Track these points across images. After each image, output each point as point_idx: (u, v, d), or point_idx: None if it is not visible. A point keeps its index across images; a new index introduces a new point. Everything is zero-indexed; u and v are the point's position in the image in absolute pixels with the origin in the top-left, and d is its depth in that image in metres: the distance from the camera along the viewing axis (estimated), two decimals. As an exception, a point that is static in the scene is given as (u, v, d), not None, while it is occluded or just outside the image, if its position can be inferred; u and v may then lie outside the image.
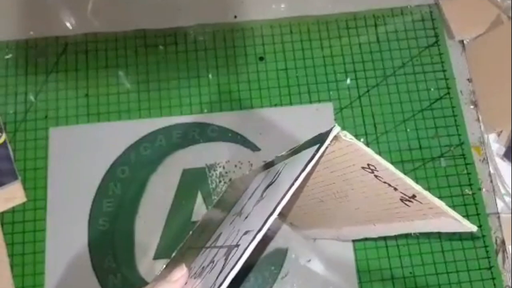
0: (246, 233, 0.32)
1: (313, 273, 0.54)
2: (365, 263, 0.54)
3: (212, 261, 0.34)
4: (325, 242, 0.54)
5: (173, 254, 0.52)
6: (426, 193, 0.32)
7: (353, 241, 0.55)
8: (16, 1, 0.63)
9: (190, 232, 0.53)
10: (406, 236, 0.55)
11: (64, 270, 0.53)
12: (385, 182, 0.33)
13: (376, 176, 0.33)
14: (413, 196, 0.33)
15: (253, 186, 0.44)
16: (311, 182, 0.39)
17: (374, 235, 0.40)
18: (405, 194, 0.33)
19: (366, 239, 0.46)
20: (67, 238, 0.54)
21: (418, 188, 0.32)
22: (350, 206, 0.39)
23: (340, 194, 0.38)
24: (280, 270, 0.54)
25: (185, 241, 0.53)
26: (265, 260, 0.54)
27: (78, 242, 0.54)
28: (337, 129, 0.31)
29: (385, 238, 0.55)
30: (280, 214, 0.53)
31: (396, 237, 0.55)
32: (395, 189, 0.33)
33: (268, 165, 0.45)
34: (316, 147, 0.32)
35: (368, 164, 0.32)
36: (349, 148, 0.32)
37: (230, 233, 0.36)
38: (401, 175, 0.32)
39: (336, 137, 0.32)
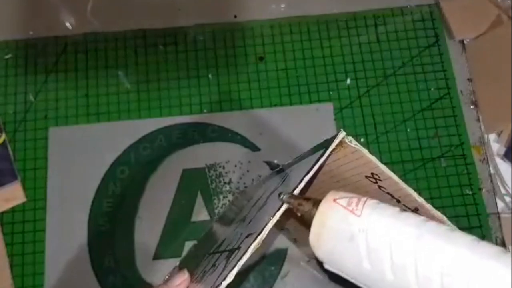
0: (248, 236, 0.32)
1: (313, 273, 0.54)
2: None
3: (213, 265, 0.34)
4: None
5: (177, 263, 0.52)
6: (428, 206, 0.32)
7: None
8: (16, 1, 0.63)
9: (195, 242, 0.53)
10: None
11: (64, 270, 0.53)
12: (388, 193, 0.33)
13: (379, 186, 0.33)
14: (416, 209, 0.33)
15: (259, 194, 0.44)
16: (316, 194, 0.39)
17: None
18: (408, 207, 0.33)
19: None
20: (67, 238, 0.54)
21: (420, 200, 0.32)
22: None
23: None
24: (280, 270, 0.54)
25: (188, 252, 0.53)
26: (265, 260, 0.54)
27: (78, 242, 0.54)
28: (342, 134, 0.31)
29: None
30: (285, 229, 0.53)
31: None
32: (398, 201, 0.33)
33: (275, 173, 0.45)
34: (321, 152, 0.32)
35: (372, 174, 0.32)
36: (354, 155, 0.32)
37: (233, 238, 0.36)
38: (404, 185, 0.32)
39: (341, 143, 0.32)
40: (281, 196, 0.30)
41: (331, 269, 0.28)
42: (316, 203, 0.28)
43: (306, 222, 0.29)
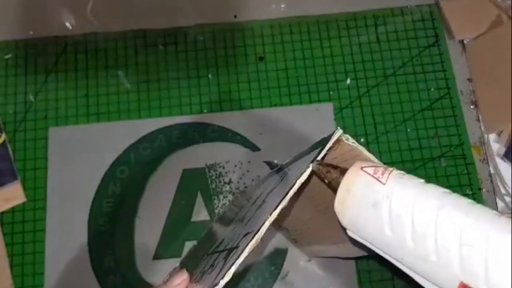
0: (246, 235, 0.32)
1: (313, 273, 0.54)
2: (365, 263, 0.54)
3: (212, 265, 0.34)
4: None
5: (177, 264, 0.52)
6: None
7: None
8: (16, 1, 0.63)
9: (195, 242, 0.54)
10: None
11: (64, 270, 0.53)
12: None
13: None
14: None
15: (257, 193, 0.44)
16: (315, 192, 0.39)
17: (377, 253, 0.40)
18: None
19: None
20: (67, 238, 0.54)
21: None
22: None
23: None
24: (280, 270, 0.54)
25: (188, 252, 0.53)
26: (265, 260, 0.54)
27: (78, 242, 0.54)
28: (339, 132, 0.31)
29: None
30: (283, 229, 0.53)
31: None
32: None
33: (274, 173, 0.45)
34: (319, 150, 0.32)
35: None
36: (351, 153, 0.32)
37: (231, 238, 0.36)
38: None
39: (338, 141, 0.32)
40: (311, 164, 0.31)
41: (354, 236, 0.29)
42: (344, 171, 0.29)
43: (333, 189, 0.30)
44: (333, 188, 0.30)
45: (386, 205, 0.26)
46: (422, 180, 0.27)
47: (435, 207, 0.25)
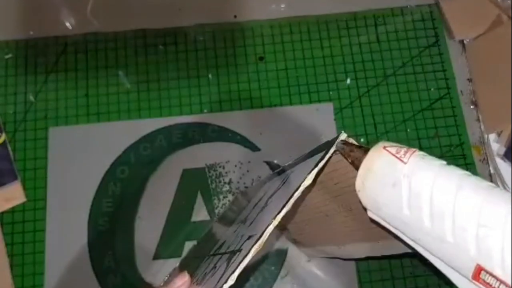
0: (249, 238, 0.32)
1: (313, 273, 0.54)
2: (365, 263, 0.54)
3: (214, 267, 0.34)
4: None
5: (177, 264, 0.52)
6: None
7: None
8: (16, 1, 0.63)
9: (195, 242, 0.53)
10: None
11: (64, 270, 0.53)
12: None
13: None
14: None
15: (259, 195, 0.44)
16: (317, 194, 0.39)
17: (378, 254, 0.39)
18: None
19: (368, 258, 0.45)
20: (67, 238, 0.54)
21: None
22: (355, 220, 0.39)
23: (345, 207, 0.38)
24: (280, 270, 0.54)
25: (189, 252, 0.53)
26: (265, 260, 0.54)
27: (78, 242, 0.54)
28: (343, 135, 0.31)
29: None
30: (285, 229, 0.53)
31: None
32: None
33: (275, 174, 0.45)
34: (322, 154, 0.32)
35: None
36: None
37: (234, 240, 0.36)
38: None
39: None
40: (335, 143, 0.31)
41: (373, 216, 0.29)
42: (367, 150, 0.29)
43: (356, 168, 0.30)
44: (356, 167, 0.30)
45: (406, 184, 0.26)
46: (444, 162, 0.27)
47: (455, 188, 0.25)
